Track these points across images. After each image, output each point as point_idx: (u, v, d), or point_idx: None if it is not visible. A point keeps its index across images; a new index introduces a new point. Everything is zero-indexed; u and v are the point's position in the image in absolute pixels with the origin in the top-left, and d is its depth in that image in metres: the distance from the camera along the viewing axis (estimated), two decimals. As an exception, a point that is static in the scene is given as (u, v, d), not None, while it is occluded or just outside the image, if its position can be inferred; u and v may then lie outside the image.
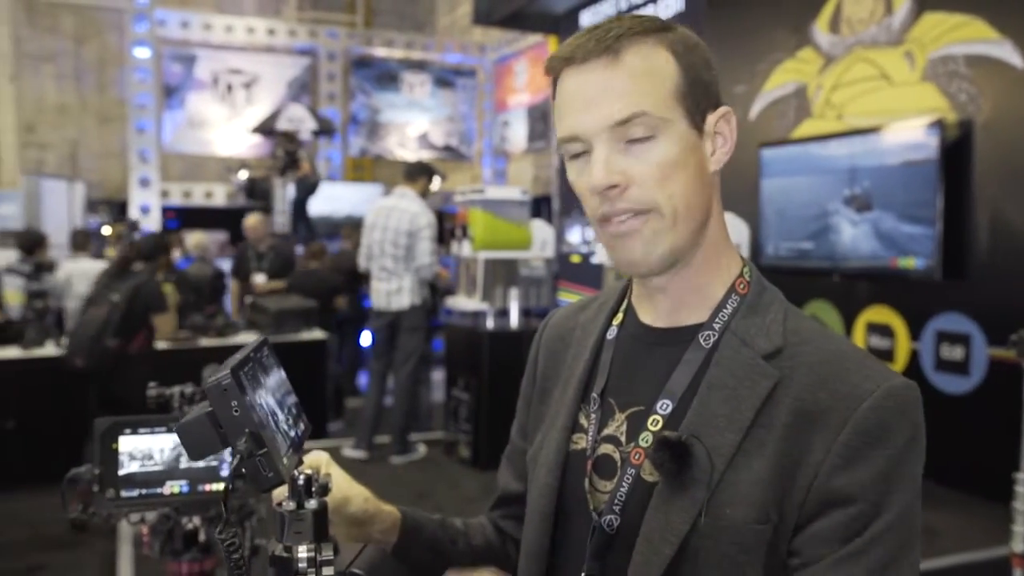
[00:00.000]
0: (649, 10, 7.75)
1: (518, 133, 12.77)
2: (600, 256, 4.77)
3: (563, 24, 9.20)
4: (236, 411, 0.75)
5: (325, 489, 0.88)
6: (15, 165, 11.97)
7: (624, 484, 0.95)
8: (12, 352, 5.58)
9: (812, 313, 6.15)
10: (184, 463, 1.72)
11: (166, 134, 11.98)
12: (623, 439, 0.98)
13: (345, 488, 1.04)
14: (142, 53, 10.22)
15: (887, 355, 5.57)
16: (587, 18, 8.75)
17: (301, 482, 0.83)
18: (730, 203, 5.07)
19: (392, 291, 5.80)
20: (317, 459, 1.02)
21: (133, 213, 10.13)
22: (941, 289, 5.19)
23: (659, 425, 0.94)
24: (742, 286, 0.99)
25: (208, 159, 12.56)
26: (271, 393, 0.85)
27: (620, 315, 1.07)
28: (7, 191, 11.18)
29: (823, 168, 5.87)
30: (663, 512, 0.89)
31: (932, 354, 5.27)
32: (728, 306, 0.97)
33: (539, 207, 10.54)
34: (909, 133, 5.25)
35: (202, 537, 1.82)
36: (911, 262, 5.24)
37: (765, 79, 6.67)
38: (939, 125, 5.04)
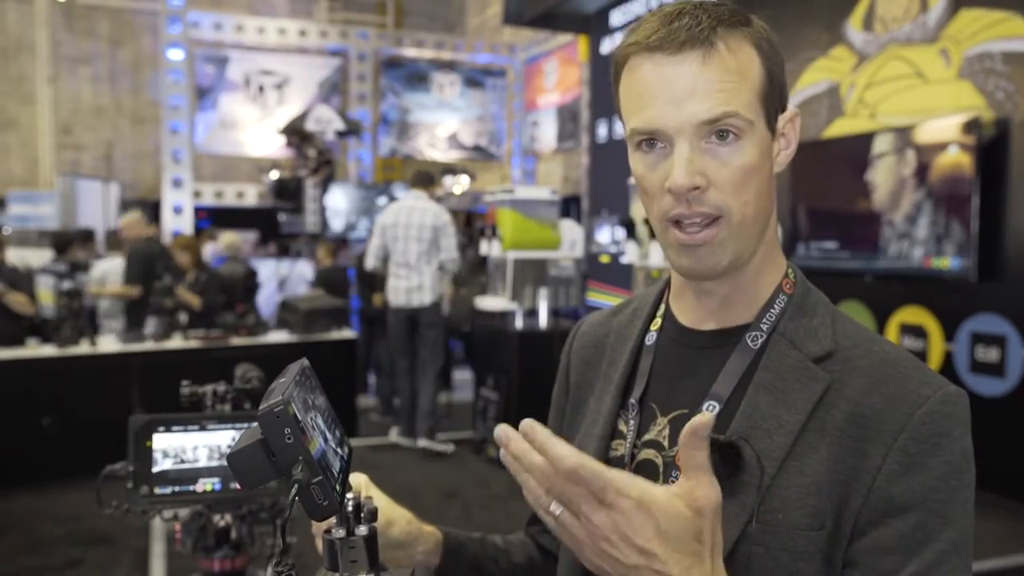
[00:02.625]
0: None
1: (548, 133, 12.76)
2: (630, 256, 4.75)
3: (593, 24, 9.18)
4: (289, 438, 0.73)
5: (374, 514, 0.84)
6: (51, 166, 12.16)
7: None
8: (48, 350, 5.67)
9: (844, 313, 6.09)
10: (217, 461, 1.73)
11: (199, 135, 12.12)
12: (666, 443, 0.95)
13: (388, 511, 1.03)
14: (175, 55, 10.34)
15: (920, 356, 5.49)
16: (617, 18, 8.72)
17: (350, 508, 0.82)
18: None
19: (413, 288, 5.91)
20: (357, 481, 0.99)
21: (166, 213, 10.25)
22: (976, 290, 5.11)
23: None
24: (788, 286, 0.97)
25: (240, 160, 12.68)
26: (320, 417, 0.83)
27: (658, 319, 1.04)
28: (44, 192, 11.37)
29: (855, 166, 5.81)
30: None
31: (967, 356, 5.19)
32: (776, 306, 0.95)
33: (568, 207, 10.52)
34: (944, 132, 5.18)
35: (234, 534, 1.84)
36: (945, 262, 5.17)
37: (797, 78, 6.61)
38: (975, 123, 4.97)
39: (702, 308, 0.98)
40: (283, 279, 10.62)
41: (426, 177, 6.27)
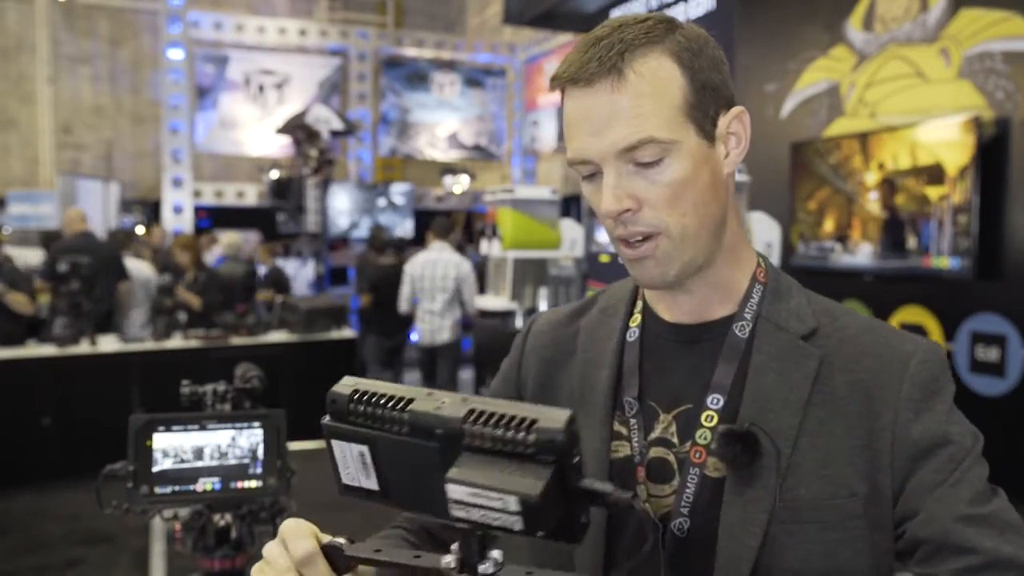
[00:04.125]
0: (680, 9, 7.71)
1: (548, 132, 12.76)
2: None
3: (594, 23, 9.11)
4: (576, 457, 0.63)
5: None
6: (52, 166, 12.16)
7: (689, 485, 0.93)
8: (48, 350, 5.68)
9: (844, 313, 6.09)
10: (216, 460, 1.73)
11: (198, 134, 12.12)
12: (675, 440, 0.95)
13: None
14: (175, 54, 10.34)
15: (921, 356, 5.50)
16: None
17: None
18: (761, 202, 5.01)
19: (436, 329, 6.54)
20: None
21: (166, 213, 10.25)
22: (976, 289, 5.11)
23: (714, 421, 0.93)
24: (762, 275, 1.00)
25: (240, 159, 12.68)
26: None
27: (638, 316, 1.04)
28: (44, 191, 11.37)
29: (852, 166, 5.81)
30: (739, 506, 0.89)
31: (967, 355, 5.19)
32: (754, 296, 0.98)
33: (568, 206, 10.52)
34: (944, 131, 5.18)
35: (234, 534, 1.84)
36: (945, 262, 5.17)
37: (797, 77, 6.61)
38: (975, 123, 4.97)
39: (681, 305, 0.99)
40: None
41: (447, 226, 6.98)
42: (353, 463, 0.70)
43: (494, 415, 0.64)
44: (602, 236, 8.99)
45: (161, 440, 1.71)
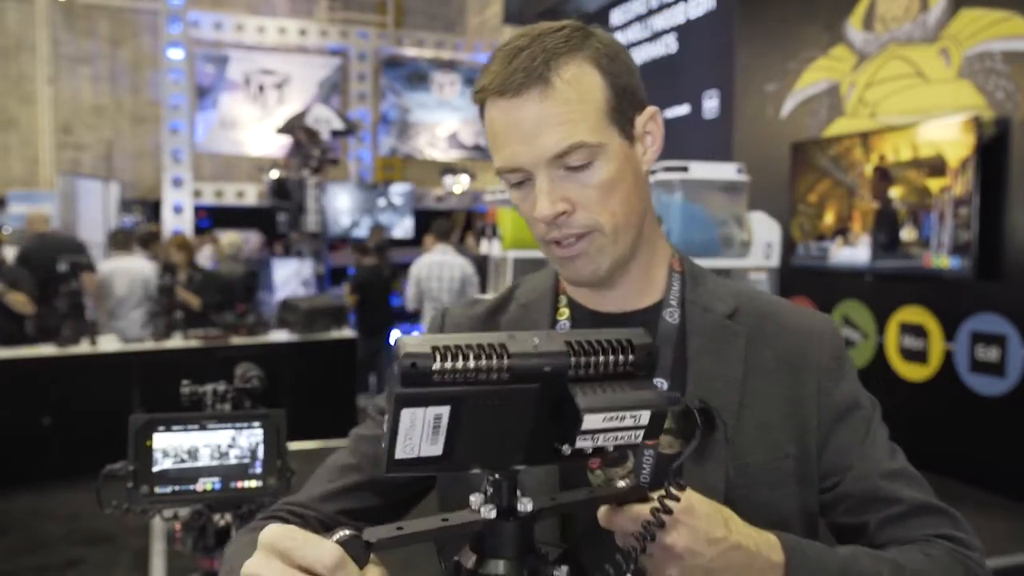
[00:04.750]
0: (680, 9, 7.72)
1: (547, 132, 12.75)
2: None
3: (594, 23, 9.16)
4: None
5: None
6: (52, 166, 12.16)
7: (645, 465, 0.97)
8: (48, 350, 5.67)
9: (844, 313, 6.09)
10: (216, 460, 1.73)
11: (199, 134, 12.12)
12: None
13: None
14: (175, 54, 10.34)
15: (920, 355, 5.50)
16: (618, 17, 8.73)
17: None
18: (761, 202, 5.01)
19: None
20: None
21: (166, 213, 10.25)
22: (976, 289, 5.11)
23: None
24: (677, 265, 1.07)
25: (240, 159, 12.68)
26: None
27: (565, 309, 1.06)
28: (44, 191, 11.37)
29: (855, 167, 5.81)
30: (697, 477, 0.93)
31: (967, 355, 5.19)
32: (674, 283, 1.04)
33: (568, 206, 10.50)
34: (944, 131, 5.18)
35: (234, 534, 1.84)
36: (945, 261, 5.17)
37: (797, 77, 6.61)
38: (975, 123, 4.97)
39: (607, 296, 1.04)
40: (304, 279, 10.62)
41: (448, 229, 7.30)
42: (422, 431, 0.66)
43: (591, 342, 0.68)
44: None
45: (161, 440, 1.71)
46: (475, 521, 0.69)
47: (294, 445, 1.91)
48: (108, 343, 5.97)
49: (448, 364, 0.64)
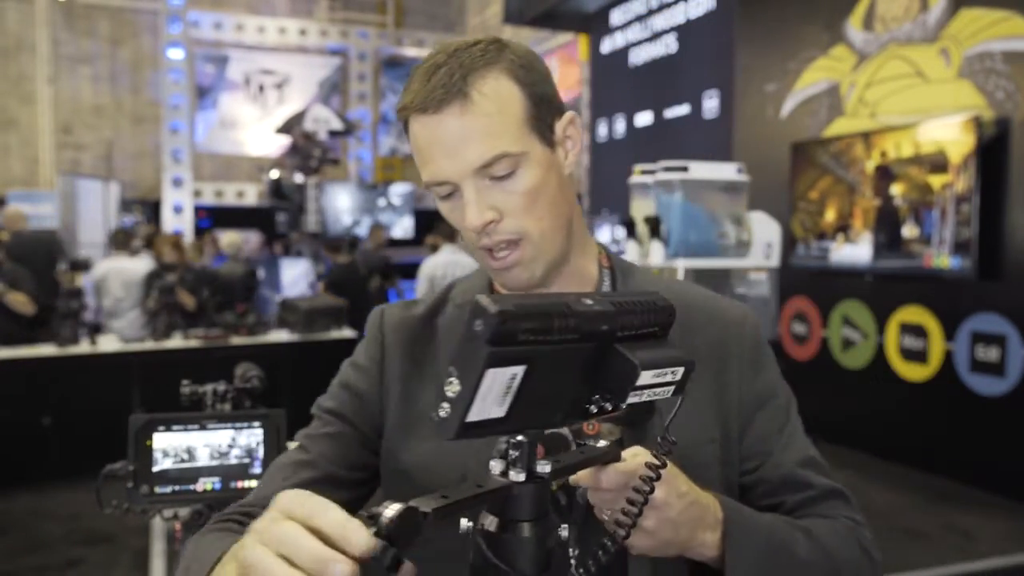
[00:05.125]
0: (680, 9, 7.72)
1: (547, 132, 12.76)
2: (630, 255, 4.77)
3: (594, 23, 9.18)
4: None
5: None
6: (52, 165, 12.16)
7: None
8: (48, 349, 5.68)
9: (844, 313, 6.09)
10: (216, 460, 1.74)
11: (199, 134, 12.12)
12: None
13: None
14: (175, 54, 10.34)
15: (920, 356, 5.50)
16: (617, 17, 8.73)
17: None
18: (761, 202, 5.01)
19: None
20: None
21: (166, 212, 10.26)
22: (976, 289, 5.11)
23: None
24: (605, 261, 1.11)
25: (240, 159, 12.68)
26: None
27: None
28: (44, 191, 11.37)
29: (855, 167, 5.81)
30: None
31: (967, 355, 5.19)
32: (606, 278, 1.09)
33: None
34: (944, 131, 5.18)
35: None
36: (945, 261, 5.17)
37: (797, 77, 6.61)
38: (975, 123, 4.97)
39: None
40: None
41: (452, 230, 7.16)
42: (495, 392, 0.65)
43: (632, 303, 0.70)
44: (602, 235, 9.01)
45: (161, 440, 1.71)
46: (510, 485, 0.70)
47: (294, 445, 1.91)
48: (108, 343, 5.97)
49: (531, 324, 0.65)
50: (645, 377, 0.70)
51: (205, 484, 1.72)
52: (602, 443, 0.81)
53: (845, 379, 6.12)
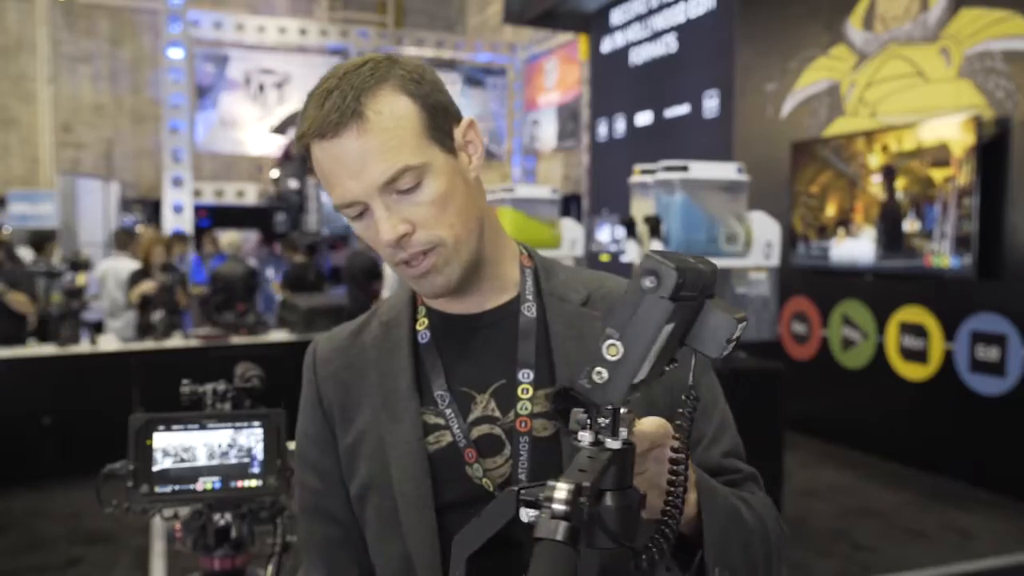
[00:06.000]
0: (680, 8, 7.72)
1: (548, 132, 12.75)
2: (630, 255, 4.77)
3: (594, 22, 9.18)
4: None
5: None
6: (52, 165, 12.16)
7: (522, 452, 1.02)
8: (48, 349, 5.68)
9: (844, 313, 6.09)
10: (216, 459, 1.74)
11: (199, 134, 12.11)
12: (497, 413, 1.04)
13: None
14: (175, 54, 10.33)
15: (920, 355, 5.50)
16: (617, 16, 8.72)
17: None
18: (761, 202, 5.01)
19: None
20: None
21: (166, 212, 10.25)
22: (976, 289, 5.11)
23: (530, 392, 1.03)
24: (526, 260, 1.11)
25: (240, 159, 12.68)
26: None
27: (424, 320, 1.11)
28: (44, 191, 11.36)
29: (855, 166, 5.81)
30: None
31: (967, 355, 5.19)
32: (528, 278, 1.09)
33: (568, 206, 10.53)
34: (944, 130, 5.18)
35: (234, 533, 1.84)
36: (945, 261, 5.17)
37: (797, 77, 6.61)
38: (976, 122, 4.97)
39: (464, 301, 1.08)
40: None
41: None
42: (652, 351, 0.69)
43: (692, 268, 0.69)
44: (603, 235, 9.01)
45: (161, 439, 1.71)
46: (615, 451, 0.70)
47: (294, 445, 1.91)
48: (108, 343, 5.98)
49: (691, 279, 0.67)
50: (738, 331, 0.71)
51: (205, 483, 1.72)
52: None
53: (845, 379, 6.12)
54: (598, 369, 0.68)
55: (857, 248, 5.86)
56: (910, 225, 5.44)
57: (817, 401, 6.22)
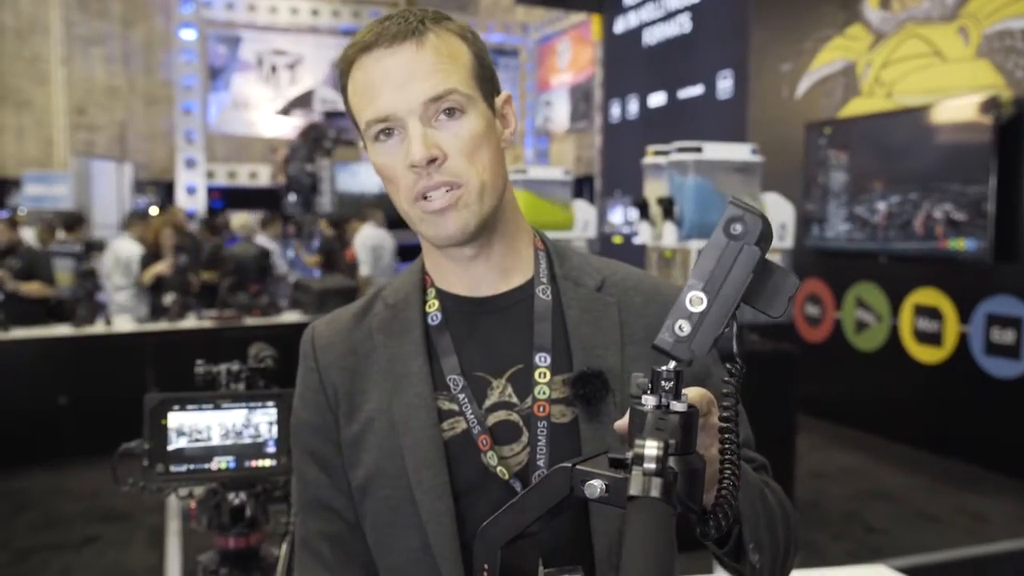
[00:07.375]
0: (694, -13, 7.65)
1: (561, 113, 12.70)
2: (643, 237, 4.74)
3: (607, 2, 9.11)
4: None
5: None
6: (66, 147, 12.21)
7: (540, 437, 0.99)
8: (64, 330, 5.72)
9: (858, 295, 6.06)
10: (230, 439, 1.75)
11: (211, 115, 12.12)
12: (515, 399, 1.01)
13: None
14: (188, 35, 10.34)
15: (935, 338, 5.47)
16: (631, -4, 8.66)
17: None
18: (775, 183, 4.98)
19: None
20: None
21: (179, 193, 10.28)
22: (992, 271, 5.07)
23: (547, 376, 1.00)
24: (540, 244, 1.09)
25: (252, 140, 12.69)
26: None
27: (434, 302, 1.07)
28: (58, 172, 11.42)
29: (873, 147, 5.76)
30: (597, 440, 0.97)
31: (982, 337, 5.16)
32: (541, 261, 1.07)
33: (581, 187, 10.49)
34: (962, 111, 5.12)
35: (248, 512, 1.85)
36: (961, 243, 5.13)
37: (812, 57, 6.55)
38: (993, 103, 4.92)
39: (475, 279, 1.05)
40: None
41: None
42: (737, 302, 0.68)
43: (768, 218, 0.68)
44: (615, 217, 8.98)
45: (176, 419, 1.72)
46: (681, 414, 0.68)
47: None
48: (123, 323, 6.02)
49: (769, 230, 0.67)
50: (795, 289, 0.68)
51: (219, 463, 1.74)
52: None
53: (859, 361, 6.10)
54: (679, 322, 0.66)
55: (872, 226, 5.82)
56: (926, 208, 5.39)
57: (830, 384, 6.20)
